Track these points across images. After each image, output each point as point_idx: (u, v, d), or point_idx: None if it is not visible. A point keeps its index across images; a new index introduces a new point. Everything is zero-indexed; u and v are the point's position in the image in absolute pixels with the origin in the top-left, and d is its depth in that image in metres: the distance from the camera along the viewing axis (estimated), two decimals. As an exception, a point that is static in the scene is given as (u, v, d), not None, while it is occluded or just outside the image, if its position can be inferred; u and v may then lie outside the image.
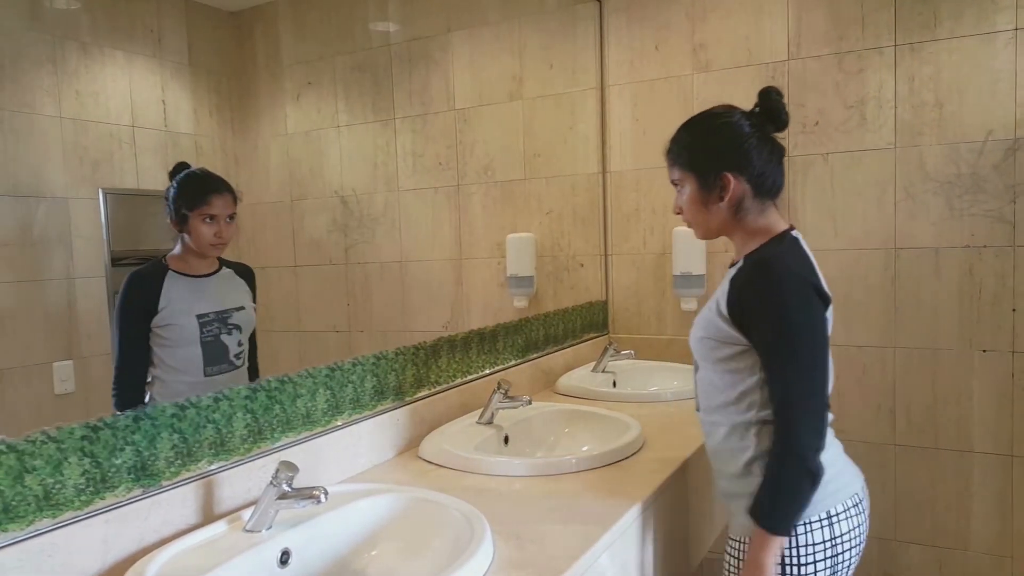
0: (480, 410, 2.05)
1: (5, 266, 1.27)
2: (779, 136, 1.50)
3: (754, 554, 1.38)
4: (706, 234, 1.56)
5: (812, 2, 2.71)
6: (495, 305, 2.75)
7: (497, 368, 2.40)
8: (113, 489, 1.24)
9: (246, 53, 1.80)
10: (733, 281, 1.45)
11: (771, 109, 1.47)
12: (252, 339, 1.62)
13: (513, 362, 2.51)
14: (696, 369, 1.57)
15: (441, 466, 1.79)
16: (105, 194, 1.41)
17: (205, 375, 1.50)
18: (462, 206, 2.56)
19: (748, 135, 1.46)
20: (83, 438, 1.19)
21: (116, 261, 1.43)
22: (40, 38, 1.31)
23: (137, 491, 1.28)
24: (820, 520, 1.42)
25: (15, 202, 1.28)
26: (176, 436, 1.35)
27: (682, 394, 2.49)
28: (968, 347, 2.58)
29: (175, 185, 1.47)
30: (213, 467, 1.41)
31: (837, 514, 1.43)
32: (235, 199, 1.52)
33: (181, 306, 1.47)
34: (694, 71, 2.93)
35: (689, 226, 1.59)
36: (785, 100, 1.48)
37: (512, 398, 2.04)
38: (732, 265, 1.50)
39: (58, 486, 1.16)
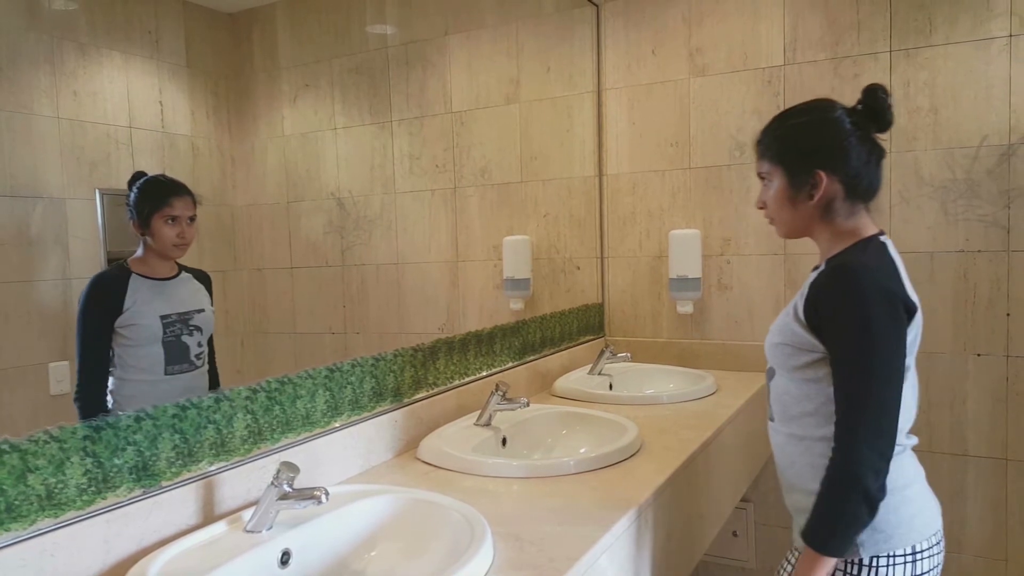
0: (478, 412, 2.05)
1: (1, 266, 1.26)
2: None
3: (801, 572, 1.31)
4: (789, 233, 1.47)
5: (808, 7, 2.73)
6: (491, 307, 2.75)
7: (494, 370, 2.40)
8: (114, 489, 1.23)
9: (243, 55, 1.80)
10: (813, 284, 1.37)
11: (875, 107, 1.38)
12: (210, 342, 1.63)
13: (510, 364, 2.51)
14: (770, 376, 1.49)
15: (439, 467, 1.79)
16: (102, 195, 1.41)
17: (166, 373, 1.50)
18: (459, 208, 2.56)
19: (847, 132, 1.38)
20: (85, 438, 1.19)
21: (112, 262, 1.43)
22: (38, 38, 1.31)
23: (138, 491, 1.27)
24: (904, 555, 1.33)
25: (12, 202, 1.27)
26: (177, 436, 1.35)
27: (678, 396, 2.50)
28: (962, 351, 2.60)
29: (136, 189, 1.47)
30: (213, 468, 1.41)
31: (922, 551, 1.35)
32: (195, 202, 1.54)
33: (145, 307, 1.47)
34: (691, 75, 2.95)
35: (771, 223, 1.50)
36: (891, 100, 1.39)
37: (510, 400, 2.03)
38: (814, 269, 1.44)
39: (60, 486, 1.15)
